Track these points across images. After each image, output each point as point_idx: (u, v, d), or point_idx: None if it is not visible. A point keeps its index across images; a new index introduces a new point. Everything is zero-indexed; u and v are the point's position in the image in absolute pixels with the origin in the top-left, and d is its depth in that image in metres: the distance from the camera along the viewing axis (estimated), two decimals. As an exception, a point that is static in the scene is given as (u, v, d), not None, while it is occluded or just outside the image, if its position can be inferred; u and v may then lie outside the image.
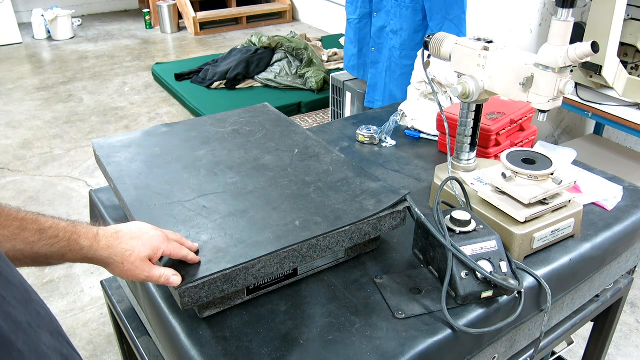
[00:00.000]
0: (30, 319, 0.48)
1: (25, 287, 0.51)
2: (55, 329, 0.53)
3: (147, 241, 0.80)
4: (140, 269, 0.79)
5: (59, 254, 0.73)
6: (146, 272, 0.79)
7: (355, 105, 2.97)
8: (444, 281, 0.93)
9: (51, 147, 3.71)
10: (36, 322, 0.49)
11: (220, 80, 4.36)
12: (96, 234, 0.77)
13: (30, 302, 0.50)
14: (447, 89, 1.58)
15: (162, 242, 0.82)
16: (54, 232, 0.73)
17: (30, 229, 0.71)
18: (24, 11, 6.56)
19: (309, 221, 0.95)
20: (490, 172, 1.08)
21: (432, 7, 2.26)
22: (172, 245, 0.83)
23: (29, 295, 0.50)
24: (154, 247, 0.80)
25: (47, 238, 0.72)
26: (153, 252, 0.80)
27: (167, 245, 0.82)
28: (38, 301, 0.52)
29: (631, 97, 2.27)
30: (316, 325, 0.90)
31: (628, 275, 1.37)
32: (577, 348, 1.87)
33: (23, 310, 0.47)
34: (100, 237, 0.77)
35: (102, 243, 0.77)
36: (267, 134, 1.30)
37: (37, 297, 0.53)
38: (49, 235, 0.72)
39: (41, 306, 0.52)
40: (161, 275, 0.80)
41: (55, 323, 0.54)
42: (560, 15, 0.95)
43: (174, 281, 0.80)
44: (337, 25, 5.70)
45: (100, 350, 2.10)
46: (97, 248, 0.76)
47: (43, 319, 0.51)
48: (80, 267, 2.55)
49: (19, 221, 0.70)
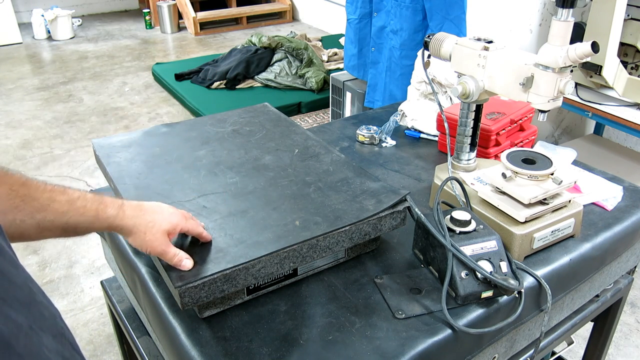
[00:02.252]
0: (33, 321, 0.48)
1: (30, 287, 0.50)
2: (59, 330, 0.53)
3: (168, 217, 0.85)
4: (159, 240, 0.83)
5: (87, 222, 0.78)
6: (164, 245, 0.83)
7: (355, 105, 2.97)
8: (444, 281, 0.93)
9: (51, 147, 3.71)
10: (38, 325, 0.48)
11: (220, 80, 4.36)
12: (122, 204, 0.82)
13: (34, 304, 0.50)
14: (447, 89, 1.58)
15: (181, 219, 0.87)
16: (82, 202, 0.77)
17: (59, 200, 0.75)
18: (24, 11, 6.56)
19: (309, 221, 0.95)
20: (490, 172, 1.08)
21: (432, 7, 2.26)
22: (189, 223, 0.88)
23: (33, 296, 0.50)
24: (173, 223, 0.85)
25: (77, 208, 0.76)
26: (172, 227, 0.85)
27: (185, 222, 0.87)
28: (42, 302, 0.51)
29: (631, 97, 2.27)
30: (316, 325, 0.90)
31: (628, 275, 1.37)
32: (577, 348, 1.87)
33: (25, 312, 0.47)
34: (126, 207, 0.82)
35: (127, 212, 0.82)
36: (267, 134, 1.30)
37: (43, 297, 0.52)
38: (78, 205, 0.77)
39: (45, 307, 0.52)
40: (175, 255, 0.83)
41: (59, 324, 0.53)
42: (560, 15, 0.95)
43: (185, 264, 0.83)
44: (337, 25, 5.70)
45: (100, 350, 2.10)
46: (123, 217, 0.81)
47: (46, 320, 0.51)
48: (80, 267, 2.55)
49: (49, 193, 0.74)
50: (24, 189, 0.71)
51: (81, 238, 2.71)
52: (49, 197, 0.74)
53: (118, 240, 1.13)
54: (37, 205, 0.72)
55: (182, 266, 0.83)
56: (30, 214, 0.71)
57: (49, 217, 0.73)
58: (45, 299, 0.53)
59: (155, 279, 1.01)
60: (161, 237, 0.83)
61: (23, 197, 0.71)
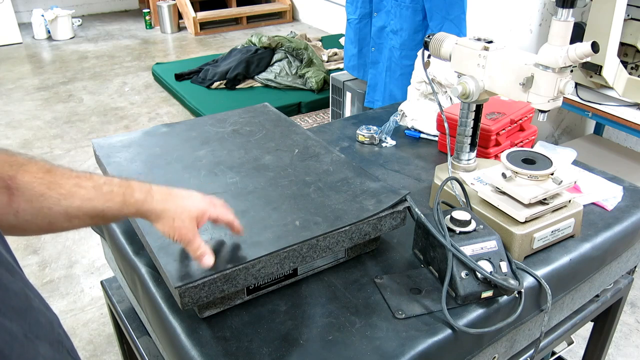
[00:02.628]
0: (28, 329, 0.47)
1: (27, 293, 0.50)
2: (56, 337, 0.52)
3: (197, 202, 0.83)
4: (187, 227, 0.80)
5: (115, 208, 0.75)
6: (191, 233, 0.80)
7: (355, 105, 2.97)
8: (444, 281, 0.93)
9: (51, 147, 3.71)
10: (34, 332, 0.48)
11: (220, 80, 4.36)
12: (150, 189, 0.79)
13: (30, 311, 0.49)
14: (447, 89, 1.58)
15: (210, 206, 0.84)
16: (108, 187, 0.75)
17: (85, 186, 0.73)
18: (24, 11, 6.55)
19: (309, 221, 0.95)
20: (490, 172, 1.08)
21: (432, 7, 2.26)
22: (219, 210, 0.85)
23: (30, 303, 0.50)
24: (201, 210, 0.82)
25: (103, 194, 0.74)
26: (201, 213, 0.82)
27: (214, 209, 0.84)
28: (39, 308, 0.51)
29: (631, 97, 2.27)
30: (316, 325, 0.90)
31: (628, 275, 1.37)
32: (577, 348, 1.87)
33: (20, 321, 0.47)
34: (154, 192, 0.80)
35: (156, 197, 0.79)
36: (267, 134, 1.30)
37: (40, 303, 0.52)
38: (105, 191, 0.74)
39: (42, 314, 0.51)
40: (199, 247, 0.81)
41: (56, 331, 0.53)
42: (560, 15, 0.95)
43: (206, 260, 0.81)
44: (337, 25, 5.70)
45: (100, 350, 2.10)
46: (152, 201, 0.78)
47: (43, 327, 0.50)
48: (80, 267, 2.55)
49: (74, 179, 0.72)
50: (49, 176, 0.70)
51: (81, 238, 2.71)
52: (75, 184, 0.72)
53: (118, 240, 1.13)
54: (63, 192, 0.70)
55: (202, 261, 0.81)
56: (57, 201, 0.70)
57: (75, 204, 0.71)
58: (42, 304, 0.52)
59: (155, 279, 1.01)
60: (189, 223, 0.80)
61: (48, 184, 0.69)
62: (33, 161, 0.70)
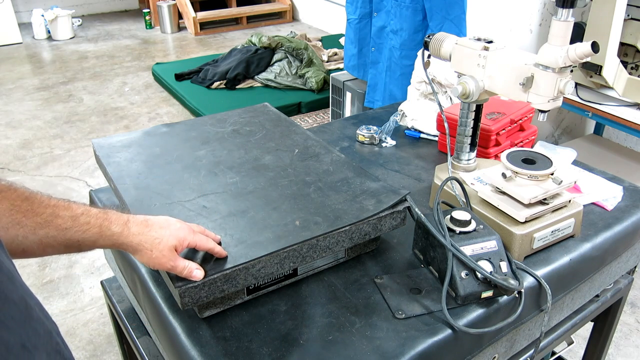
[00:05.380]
0: (26, 339, 0.47)
1: (27, 302, 0.50)
2: (54, 347, 0.52)
3: (175, 232, 0.82)
4: (167, 257, 0.80)
5: (90, 240, 0.75)
6: (172, 261, 0.81)
7: (355, 105, 2.97)
8: (444, 281, 0.93)
9: (51, 147, 3.71)
10: (32, 342, 0.48)
11: (220, 80, 4.36)
12: (127, 221, 0.79)
13: (29, 320, 0.49)
14: (447, 89, 1.58)
15: (188, 233, 0.84)
16: (85, 218, 0.74)
17: (62, 215, 0.72)
18: (24, 11, 6.55)
19: (309, 221, 0.95)
20: (490, 172, 1.08)
21: (432, 7, 2.26)
22: (197, 237, 0.84)
23: (29, 312, 0.49)
24: (180, 238, 0.82)
25: (80, 225, 0.74)
26: (179, 242, 0.82)
27: (193, 237, 0.84)
28: (39, 318, 0.51)
29: (631, 97, 2.27)
30: (316, 325, 0.90)
31: (628, 275, 1.37)
32: (577, 348, 1.87)
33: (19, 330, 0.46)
34: (131, 224, 0.79)
35: (132, 230, 0.79)
36: (267, 134, 1.30)
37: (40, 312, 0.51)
38: (82, 222, 0.74)
39: (41, 323, 0.51)
40: (185, 267, 0.81)
41: (55, 340, 0.53)
42: (560, 15, 0.95)
43: (196, 275, 0.81)
44: (337, 25, 5.70)
45: (100, 350, 2.10)
46: (128, 234, 0.78)
47: (41, 337, 0.50)
48: (80, 267, 2.55)
49: (52, 208, 0.72)
50: (26, 204, 0.69)
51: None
52: (51, 213, 0.71)
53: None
54: (39, 221, 0.70)
55: (193, 277, 0.81)
56: (32, 229, 0.69)
57: (51, 233, 0.71)
58: (42, 313, 0.52)
59: (155, 279, 1.01)
60: (168, 253, 0.80)
61: (25, 213, 0.69)
62: (12, 188, 0.69)
